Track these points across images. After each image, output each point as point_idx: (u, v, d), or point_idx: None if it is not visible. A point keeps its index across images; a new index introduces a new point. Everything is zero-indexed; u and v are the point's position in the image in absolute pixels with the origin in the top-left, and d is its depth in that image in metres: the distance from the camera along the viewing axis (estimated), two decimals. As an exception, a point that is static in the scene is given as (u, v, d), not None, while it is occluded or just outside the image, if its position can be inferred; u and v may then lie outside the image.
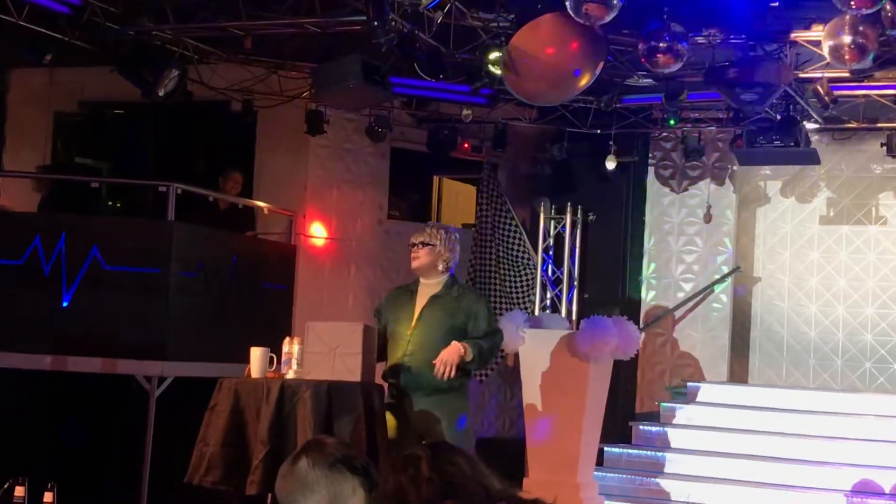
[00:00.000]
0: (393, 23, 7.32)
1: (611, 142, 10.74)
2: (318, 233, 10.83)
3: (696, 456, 9.50)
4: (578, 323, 9.19)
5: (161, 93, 8.51)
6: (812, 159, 10.20)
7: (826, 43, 7.32)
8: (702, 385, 10.50)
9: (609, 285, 11.35)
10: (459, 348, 5.97)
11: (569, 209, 10.38)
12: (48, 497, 4.38)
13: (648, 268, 11.42)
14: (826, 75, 8.79)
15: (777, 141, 9.76)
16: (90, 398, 8.63)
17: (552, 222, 10.60)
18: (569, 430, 8.41)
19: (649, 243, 11.44)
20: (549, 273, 10.61)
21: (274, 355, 6.25)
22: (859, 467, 8.84)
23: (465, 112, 10.35)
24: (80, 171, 11.37)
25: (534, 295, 10.58)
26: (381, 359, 6.31)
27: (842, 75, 8.78)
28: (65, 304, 8.53)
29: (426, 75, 8.19)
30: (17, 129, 11.27)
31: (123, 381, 8.41)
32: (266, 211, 10.30)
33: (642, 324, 10.93)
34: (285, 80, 10.01)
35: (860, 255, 11.00)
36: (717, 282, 11.10)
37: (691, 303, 11.13)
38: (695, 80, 8.94)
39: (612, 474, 9.41)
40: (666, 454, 9.57)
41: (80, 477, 7.85)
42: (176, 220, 8.85)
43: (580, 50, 7.61)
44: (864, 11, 6.75)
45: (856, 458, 8.98)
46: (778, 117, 9.69)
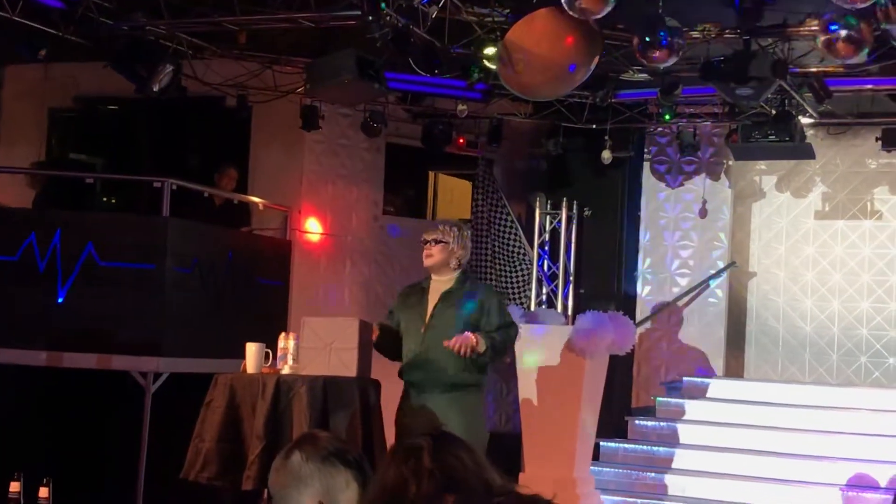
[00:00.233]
0: (387, 17, 7.31)
1: (606, 137, 10.73)
2: (314, 228, 10.82)
3: (692, 450, 9.51)
4: (574, 318, 9.19)
5: (155, 88, 8.49)
6: (807, 154, 10.20)
7: (821, 37, 7.31)
8: (697, 380, 10.51)
9: (605, 280, 11.35)
10: (471, 337, 5.89)
11: (564, 204, 10.39)
12: (44, 493, 4.37)
13: (644, 263, 11.41)
14: (821, 70, 8.79)
15: (772, 136, 9.76)
16: (86, 394, 8.62)
17: (548, 217, 10.60)
18: (565, 425, 8.41)
19: (645, 238, 11.44)
20: (545, 268, 10.61)
21: (269, 351, 6.25)
22: (855, 461, 8.85)
23: (461, 107, 10.36)
24: (75, 167, 11.33)
25: (529, 290, 10.58)
26: (397, 357, 6.26)
27: (836, 70, 8.79)
28: (60, 301, 8.52)
29: (421, 70, 8.18)
30: (12, 125, 11.24)
31: (119, 377, 8.40)
32: (261, 206, 10.29)
33: (638, 319, 10.93)
34: (280, 76, 9.99)
35: (855, 250, 11.00)
36: (713, 277, 11.10)
37: (687, 298, 11.13)
38: (690, 75, 8.93)
39: (609, 469, 9.42)
40: (662, 449, 9.58)
41: (76, 473, 7.83)
42: (171, 216, 8.84)
43: (575, 44, 7.60)
44: (859, 6, 6.75)
45: (851, 453, 8.99)
46: (773, 112, 9.68)
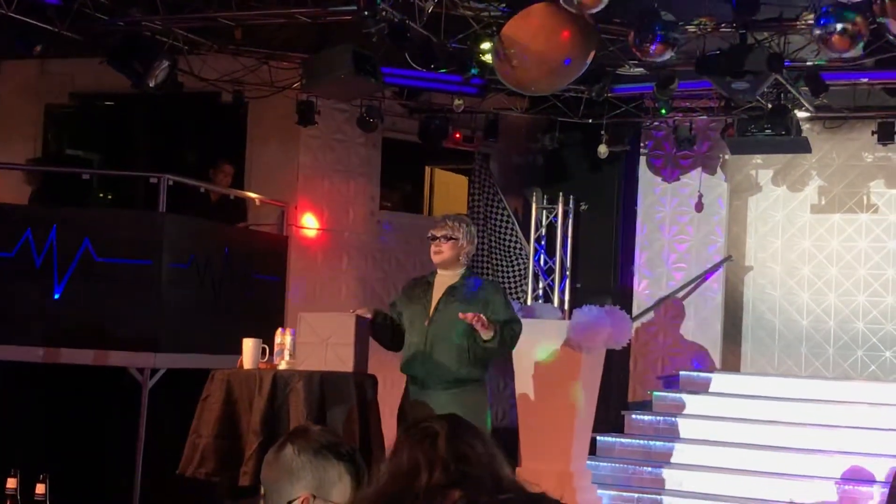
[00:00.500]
0: (383, 13, 7.30)
1: (602, 131, 10.73)
2: (310, 223, 10.81)
3: (689, 444, 9.53)
4: (571, 313, 9.20)
5: (151, 84, 8.48)
6: (803, 148, 10.20)
7: (816, 31, 7.31)
8: (694, 374, 10.53)
9: (601, 275, 11.35)
10: (484, 316, 5.81)
11: (561, 199, 10.39)
12: (40, 489, 4.36)
13: (640, 257, 11.42)
14: (816, 63, 8.79)
15: (768, 129, 9.76)
16: (82, 390, 8.62)
17: (544, 212, 10.61)
18: (562, 420, 8.43)
19: (641, 232, 11.44)
20: (542, 263, 10.62)
21: (266, 346, 6.25)
22: (851, 455, 8.87)
23: (457, 102, 10.35)
24: (72, 163, 11.32)
25: (526, 285, 10.58)
26: (390, 346, 6.28)
27: (833, 64, 8.79)
28: (56, 297, 8.51)
29: (417, 65, 8.17)
30: (8, 122, 11.22)
31: (116, 373, 8.39)
32: (258, 202, 10.28)
33: (635, 313, 10.93)
34: (276, 71, 9.98)
35: (852, 244, 11.01)
36: (710, 271, 11.11)
37: (683, 292, 11.14)
38: (686, 69, 8.93)
39: (605, 463, 9.44)
40: (658, 443, 9.60)
41: (73, 469, 7.83)
42: (167, 212, 8.83)
43: (571, 39, 7.60)
44: (854, -1, 6.76)
45: (848, 446, 9.01)
46: (769, 106, 9.68)
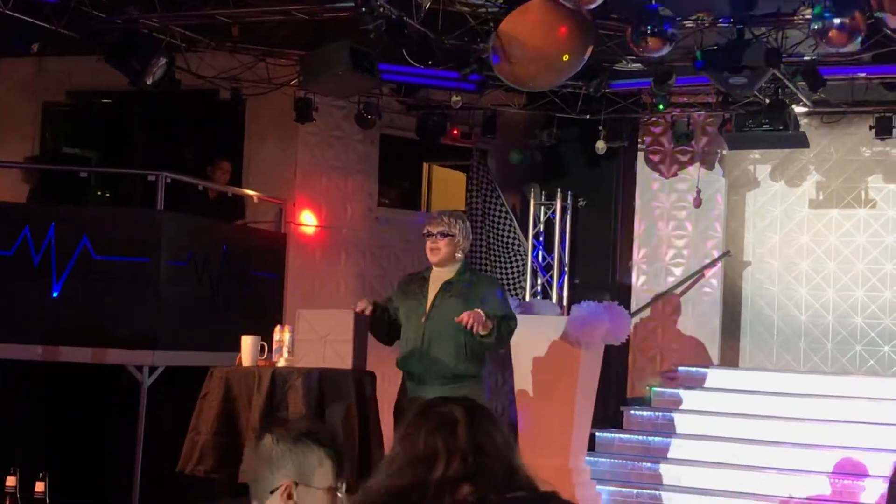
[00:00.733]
0: (381, 9, 7.30)
1: (600, 127, 10.73)
2: (308, 220, 10.81)
3: (688, 440, 9.53)
4: (569, 308, 9.19)
5: (149, 81, 8.47)
6: (801, 143, 10.20)
7: (814, 25, 7.30)
8: (693, 369, 10.53)
9: (599, 271, 11.35)
10: (481, 313, 5.83)
11: (559, 195, 10.38)
12: (40, 487, 4.36)
13: (639, 253, 11.42)
14: (814, 58, 8.79)
15: (766, 124, 9.76)
16: (81, 388, 8.62)
17: (542, 208, 10.60)
18: (560, 416, 8.42)
19: (639, 228, 11.44)
20: (540, 259, 10.61)
21: (265, 343, 6.26)
22: (850, 449, 8.87)
23: (455, 98, 10.34)
24: (69, 161, 11.32)
25: (524, 281, 10.58)
26: (385, 340, 6.29)
27: (830, 59, 8.79)
28: (55, 295, 8.52)
29: (415, 62, 8.17)
30: (5, 120, 11.21)
31: (114, 371, 8.39)
32: (255, 199, 10.27)
33: (633, 309, 10.94)
34: (273, 68, 9.97)
35: (850, 238, 11.01)
36: (708, 266, 11.11)
37: (682, 287, 11.14)
38: (683, 65, 8.93)
39: (604, 459, 9.43)
40: (657, 438, 9.59)
41: (73, 467, 7.83)
42: (165, 210, 8.83)
43: (569, 34, 7.59)
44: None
45: (846, 441, 9.01)
46: (767, 101, 9.68)
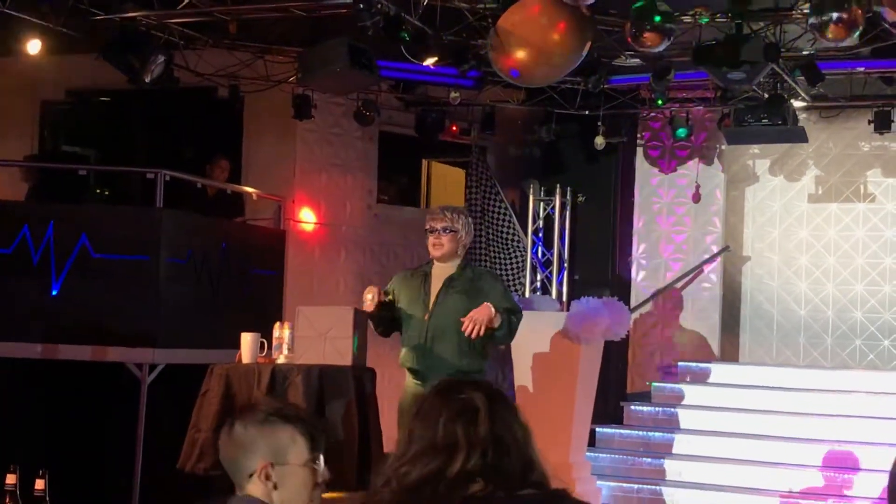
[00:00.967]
0: (379, 5, 7.29)
1: (599, 122, 10.72)
2: (308, 218, 10.81)
3: (688, 435, 9.53)
4: (569, 304, 9.20)
5: (147, 79, 8.47)
6: (800, 137, 10.20)
7: (812, 19, 7.29)
8: (692, 364, 10.53)
9: (599, 266, 11.35)
10: (490, 309, 5.81)
11: (558, 191, 10.38)
12: (39, 484, 4.37)
13: (638, 248, 11.42)
14: (813, 53, 8.79)
15: (765, 119, 9.75)
16: (81, 386, 8.62)
17: (541, 204, 10.60)
18: (560, 411, 8.42)
19: (638, 224, 11.44)
20: (539, 255, 10.61)
21: (265, 340, 6.26)
22: (850, 444, 8.88)
23: (453, 95, 10.34)
24: (68, 160, 11.32)
25: (524, 277, 10.58)
26: (388, 336, 6.23)
27: (829, 52, 8.79)
28: (54, 293, 8.52)
29: (413, 58, 8.16)
30: (4, 118, 11.21)
31: (114, 369, 8.40)
32: (255, 196, 10.27)
33: (633, 304, 10.94)
34: (272, 65, 9.96)
35: (849, 233, 11.01)
36: (707, 261, 11.11)
37: (681, 282, 11.14)
38: (682, 60, 8.92)
39: (604, 454, 9.44)
40: (658, 434, 9.60)
41: (72, 465, 7.83)
42: (164, 208, 8.83)
43: (567, 30, 7.58)
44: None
45: (846, 435, 9.02)
46: (765, 96, 9.68)
